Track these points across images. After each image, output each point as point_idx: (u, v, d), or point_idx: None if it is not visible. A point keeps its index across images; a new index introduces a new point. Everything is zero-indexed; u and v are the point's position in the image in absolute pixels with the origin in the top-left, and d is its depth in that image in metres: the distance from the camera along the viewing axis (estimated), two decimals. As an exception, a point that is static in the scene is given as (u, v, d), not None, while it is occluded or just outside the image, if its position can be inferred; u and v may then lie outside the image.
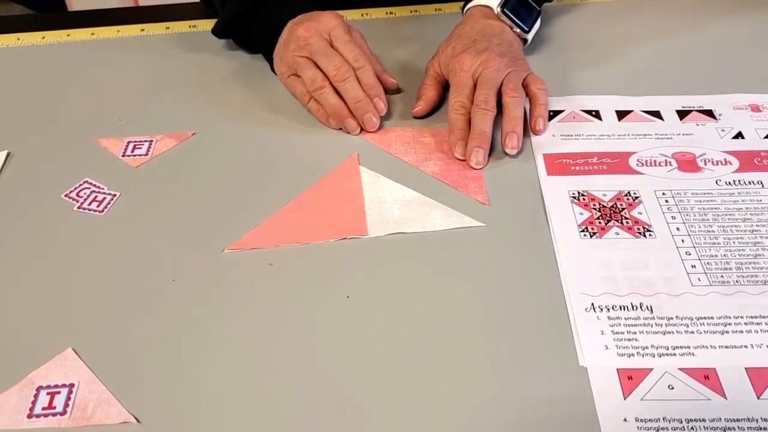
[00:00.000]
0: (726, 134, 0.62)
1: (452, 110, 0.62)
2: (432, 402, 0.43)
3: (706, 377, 0.43)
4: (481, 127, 0.60)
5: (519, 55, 0.67)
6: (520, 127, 0.60)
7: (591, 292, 0.48)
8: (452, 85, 0.64)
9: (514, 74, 0.63)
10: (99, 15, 0.85)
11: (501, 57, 0.64)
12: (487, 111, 0.60)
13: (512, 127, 0.60)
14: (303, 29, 0.63)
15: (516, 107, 0.61)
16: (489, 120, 0.60)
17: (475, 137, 0.60)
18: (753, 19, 0.79)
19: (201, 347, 0.46)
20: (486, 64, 0.63)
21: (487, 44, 0.65)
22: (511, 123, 0.60)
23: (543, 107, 0.63)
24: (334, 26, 0.63)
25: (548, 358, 0.45)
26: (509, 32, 0.68)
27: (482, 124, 0.60)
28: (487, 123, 0.60)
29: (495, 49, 0.64)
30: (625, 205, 0.55)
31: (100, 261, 0.52)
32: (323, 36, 0.63)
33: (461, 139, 0.61)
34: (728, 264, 0.50)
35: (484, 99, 0.61)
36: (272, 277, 0.51)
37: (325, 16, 0.64)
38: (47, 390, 0.44)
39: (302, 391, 0.44)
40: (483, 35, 0.66)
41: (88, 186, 0.59)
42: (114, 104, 0.68)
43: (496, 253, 0.52)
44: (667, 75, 0.70)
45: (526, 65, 0.66)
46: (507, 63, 0.64)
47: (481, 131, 0.60)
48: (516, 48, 0.67)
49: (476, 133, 0.60)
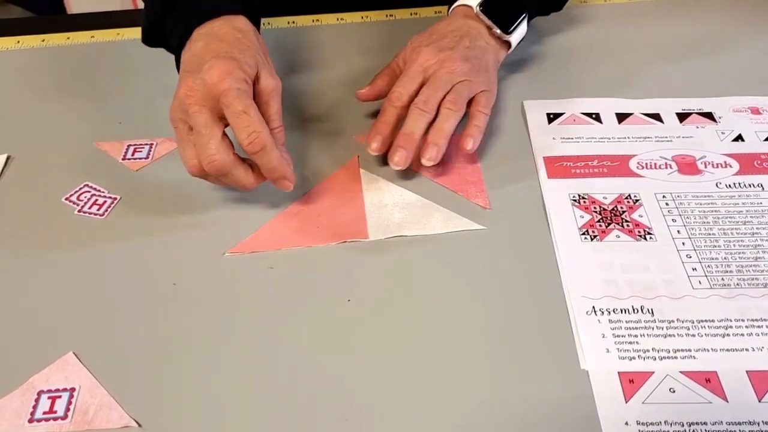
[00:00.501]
0: (726, 137, 0.62)
1: (387, 99, 0.59)
2: (433, 405, 0.43)
3: (707, 380, 0.43)
4: (410, 128, 0.56)
5: (486, 67, 0.62)
6: (443, 140, 0.56)
7: (592, 295, 0.48)
8: (401, 75, 0.60)
9: (464, 85, 0.59)
10: (99, 18, 0.85)
11: (463, 61, 0.60)
12: (423, 112, 0.57)
13: (435, 138, 0.56)
14: (187, 85, 0.51)
15: (446, 119, 0.57)
16: (423, 122, 0.57)
17: (401, 136, 0.56)
18: (752, 21, 0.79)
19: (202, 351, 0.46)
20: (442, 64, 0.59)
21: (453, 44, 0.61)
22: (434, 134, 0.57)
23: (476, 128, 0.58)
24: (223, 91, 0.49)
25: (549, 361, 0.45)
26: (486, 35, 0.64)
27: (413, 125, 0.56)
28: (418, 124, 0.56)
29: (460, 51, 0.60)
30: (625, 208, 0.55)
31: (101, 265, 0.52)
32: (206, 103, 0.50)
33: (380, 134, 0.57)
34: (729, 267, 0.50)
35: (424, 99, 0.57)
36: (273, 280, 0.51)
37: (214, 70, 0.50)
38: (48, 394, 0.44)
39: (304, 394, 0.44)
40: (455, 34, 0.62)
41: (89, 189, 0.59)
42: (114, 107, 0.68)
43: (497, 256, 0.52)
44: (666, 77, 0.70)
45: (486, 80, 0.61)
46: (465, 70, 0.59)
47: (409, 131, 0.56)
48: (488, 57, 0.63)
49: (403, 133, 0.56)
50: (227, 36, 0.54)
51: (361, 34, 0.80)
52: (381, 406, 0.43)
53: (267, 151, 0.51)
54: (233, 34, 0.55)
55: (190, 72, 0.52)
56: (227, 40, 0.54)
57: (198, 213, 0.56)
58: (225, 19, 0.56)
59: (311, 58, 0.75)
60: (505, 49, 0.66)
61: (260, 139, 0.50)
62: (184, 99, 0.51)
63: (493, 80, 0.63)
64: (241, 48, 0.54)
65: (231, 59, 0.51)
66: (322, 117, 0.67)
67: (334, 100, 0.68)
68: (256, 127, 0.50)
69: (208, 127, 0.50)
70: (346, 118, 0.66)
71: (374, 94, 0.64)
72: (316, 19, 0.82)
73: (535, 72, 0.72)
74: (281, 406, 0.43)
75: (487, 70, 0.62)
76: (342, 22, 0.82)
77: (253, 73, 0.53)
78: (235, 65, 0.51)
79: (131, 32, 0.80)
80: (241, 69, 0.51)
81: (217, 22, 0.56)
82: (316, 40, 0.78)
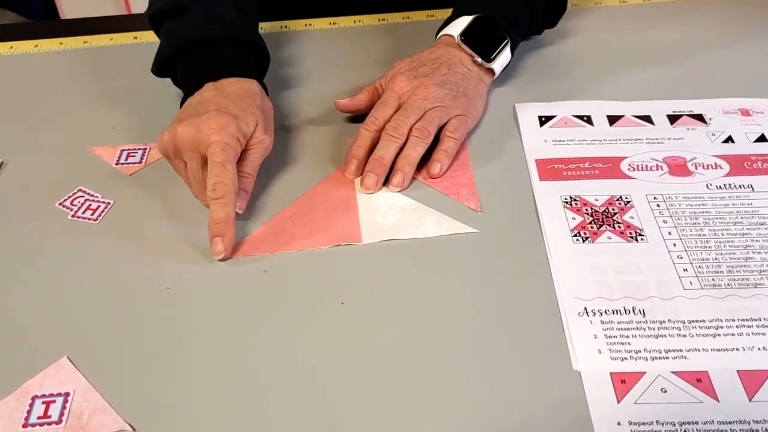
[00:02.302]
0: (716, 138, 0.62)
1: (364, 124, 0.61)
2: (427, 407, 0.43)
3: (698, 380, 0.43)
4: (380, 153, 0.58)
5: (464, 92, 0.63)
6: (408, 167, 0.58)
7: (584, 297, 0.49)
8: (378, 101, 0.62)
9: (436, 111, 0.60)
10: (92, 23, 0.85)
11: (437, 87, 0.61)
12: (393, 138, 0.58)
13: (401, 165, 0.58)
14: (183, 130, 0.54)
15: (412, 147, 0.59)
16: (393, 148, 0.58)
17: (372, 162, 0.58)
18: (743, 23, 0.80)
19: (196, 355, 0.46)
20: (415, 90, 0.61)
21: (431, 71, 0.63)
22: (401, 161, 0.58)
23: (443, 153, 0.59)
24: (213, 142, 0.53)
25: (542, 362, 0.45)
26: (469, 63, 0.65)
27: (382, 150, 0.58)
28: (388, 150, 0.58)
29: (435, 78, 0.62)
30: (617, 209, 0.55)
31: (95, 269, 0.52)
32: (198, 149, 0.54)
33: (355, 158, 0.59)
34: (719, 267, 0.50)
35: (394, 125, 0.59)
36: (267, 284, 0.51)
37: (211, 122, 0.54)
38: (42, 399, 0.44)
39: (298, 398, 0.44)
40: (435, 62, 0.64)
41: (82, 194, 0.59)
42: (107, 112, 0.69)
43: (490, 258, 0.52)
44: (657, 80, 0.70)
45: (464, 104, 0.62)
46: (439, 95, 0.61)
47: (379, 157, 0.58)
48: (468, 83, 0.64)
49: (374, 158, 0.58)
50: (234, 94, 0.58)
51: (354, 38, 0.80)
52: (375, 409, 0.43)
53: (223, 202, 0.52)
54: (240, 94, 0.58)
55: (190, 116, 0.56)
56: (233, 97, 0.57)
57: (192, 217, 0.56)
58: (237, 80, 0.60)
59: (305, 63, 0.76)
60: (490, 75, 0.67)
61: (223, 189, 0.52)
62: (179, 142, 0.54)
63: (471, 104, 0.63)
64: (243, 107, 0.57)
65: (230, 116, 0.55)
66: (315, 121, 0.67)
67: (328, 104, 0.68)
68: (224, 179, 0.53)
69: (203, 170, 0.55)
70: (339, 122, 0.67)
71: (353, 108, 0.65)
72: (308, 23, 0.83)
73: (527, 75, 0.72)
74: (275, 408, 0.43)
75: (465, 95, 0.63)
76: (335, 26, 0.82)
77: (249, 131, 0.56)
78: (231, 122, 0.54)
79: (124, 37, 0.81)
80: (237, 127, 0.55)
81: (228, 80, 0.59)
82: (309, 45, 0.79)
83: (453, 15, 0.69)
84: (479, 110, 0.65)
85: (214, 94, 0.58)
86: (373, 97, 0.65)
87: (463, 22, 0.66)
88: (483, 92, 0.66)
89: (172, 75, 0.65)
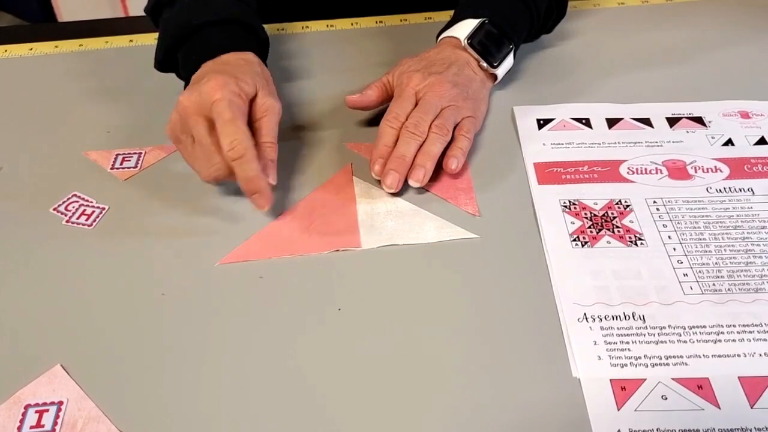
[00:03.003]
0: (716, 141, 0.62)
1: (386, 120, 0.60)
2: (425, 414, 0.43)
3: (699, 387, 0.43)
4: (402, 151, 0.58)
5: (473, 94, 0.63)
6: (429, 163, 0.57)
7: (583, 302, 0.48)
8: (394, 98, 0.62)
9: (451, 110, 0.60)
10: (87, 26, 0.85)
11: (451, 86, 0.61)
12: (414, 135, 0.58)
13: (422, 161, 0.57)
14: (185, 97, 0.54)
15: (432, 143, 0.58)
16: (414, 145, 0.58)
17: (393, 159, 0.57)
18: (742, 25, 0.80)
19: (191, 362, 0.46)
20: (431, 87, 0.61)
21: (442, 69, 0.63)
22: (421, 157, 0.58)
23: (459, 150, 0.59)
24: (216, 100, 0.53)
25: (541, 369, 0.45)
26: (474, 66, 0.65)
27: (404, 148, 0.58)
28: (410, 147, 0.58)
29: (449, 77, 0.62)
30: (616, 213, 0.55)
31: (89, 275, 0.52)
32: (202, 112, 0.54)
33: (382, 157, 0.58)
34: (720, 272, 0.50)
35: (415, 122, 0.59)
36: (263, 290, 0.51)
37: (211, 82, 0.54)
38: (35, 408, 0.43)
39: (295, 405, 0.43)
40: (444, 62, 0.64)
41: (77, 199, 0.58)
42: (102, 116, 0.68)
43: (488, 263, 0.52)
44: (656, 82, 0.70)
45: (472, 107, 0.62)
46: (453, 95, 0.61)
47: (401, 155, 0.57)
48: (475, 85, 0.64)
49: (395, 156, 0.58)
50: (231, 61, 0.59)
51: (352, 40, 0.79)
52: (372, 416, 0.43)
53: (246, 159, 0.52)
54: (237, 62, 0.59)
55: (189, 87, 0.56)
56: (231, 64, 0.58)
57: (187, 222, 0.56)
58: (234, 53, 0.60)
59: (302, 66, 0.75)
60: (492, 80, 0.67)
61: (242, 146, 0.52)
62: (182, 112, 0.54)
63: (478, 107, 0.64)
64: (242, 71, 0.57)
65: (228, 75, 0.55)
66: (315, 125, 0.67)
67: (326, 107, 0.68)
68: (239, 136, 0.52)
69: (206, 138, 0.54)
70: (338, 126, 0.66)
71: (364, 104, 0.65)
72: (305, 26, 0.82)
73: (525, 77, 0.72)
74: (272, 416, 0.43)
75: (473, 98, 0.63)
76: (332, 29, 0.82)
77: (251, 91, 0.56)
78: (231, 80, 0.54)
79: (119, 40, 0.80)
80: (237, 85, 0.55)
81: (225, 55, 0.60)
82: (306, 47, 0.78)
83: (456, 17, 0.69)
84: (483, 113, 0.65)
85: (211, 66, 0.59)
86: (382, 93, 0.65)
87: (468, 25, 0.66)
88: (486, 96, 0.66)
89: (174, 68, 0.65)
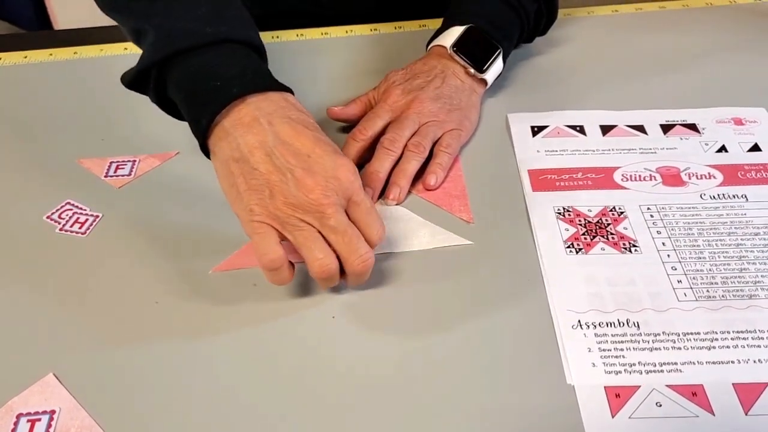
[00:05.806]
0: (710, 148, 0.62)
1: (351, 135, 0.60)
2: (419, 421, 0.42)
3: (693, 394, 0.43)
4: (375, 167, 0.57)
5: (458, 105, 0.63)
6: (404, 181, 0.57)
7: (577, 309, 0.48)
8: (369, 112, 0.62)
9: (430, 126, 0.60)
10: (82, 34, 0.85)
11: (431, 101, 0.61)
12: (389, 152, 0.58)
13: (397, 179, 0.58)
14: (311, 179, 0.47)
15: (407, 161, 0.58)
16: (388, 162, 0.58)
17: (367, 175, 0.57)
18: (736, 32, 0.80)
19: (185, 371, 0.46)
20: (410, 104, 0.61)
21: (424, 84, 0.63)
22: (396, 175, 0.58)
23: (438, 166, 0.59)
24: (356, 189, 0.48)
25: (535, 376, 0.45)
26: (462, 74, 0.65)
27: (377, 164, 0.57)
28: (383, 164, 0.57)
29: (429, 92, 0.62)
30: (610, 220, 0.55)
31: (82, 284, 0.52)
32: (341, 200, 0.48)
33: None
34: (714, 278, 0.50)
35: (390, 139, 0.58)
36: (257, 297, 0.50)
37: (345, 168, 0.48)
38: (27, 417, 0.43)
39: (289, 412, 0.43)
40: (428, 74, 0.64)
41: (70, 207, 0.58)
42: (96, 124, 0.68)
43: (483, 270, 0.52)
44: (650, 89, 0.70)
45: (459, 118, 0.62)
46: (434, 110, 0.61)
47: (374, 171, 0.57)
48: (462, 95, 0.64)
49: (369, 171, 0.57)
50: (300, 119, 0.51)
51: (347, 48, 0.79)
52: (367, 422, 0.42)
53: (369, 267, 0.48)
54: (302, 118, 0.52)
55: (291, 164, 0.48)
56: (300, 110, 0.52)
57: (181, 230, 0.56)
58: (264, 96, 0.52)
59: (296, 73, 0.75)
60: (482, 86, 0.67)
61: (372, 261, 0.48)
62: (323, 200, 0.46)
63: (466, 116, 0.63)
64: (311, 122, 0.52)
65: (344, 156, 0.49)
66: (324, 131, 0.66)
67: (320, 114, 0.67)
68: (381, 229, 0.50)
69: (351, 227, 0.48)
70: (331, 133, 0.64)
71: (344, 116, 0.65)
72: (300, 33, 0.82)
73: (519, 84, 0.72)
74: (266, 424, 0.43)
75: (459, 108, 0.63)
76: (327, 36, 0.82)
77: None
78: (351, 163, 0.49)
79: (114, 48, 0.80)
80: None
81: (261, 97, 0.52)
82: (301, 55, 0.78)
83: (443, 26, 0.69)
84: (473, 122, 0.65)
85: (286, 121, 0.50)
86: (365, 107, 0.65)
87: (455, 32, 0.66)
88: (476, 103, 0.66)
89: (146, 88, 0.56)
